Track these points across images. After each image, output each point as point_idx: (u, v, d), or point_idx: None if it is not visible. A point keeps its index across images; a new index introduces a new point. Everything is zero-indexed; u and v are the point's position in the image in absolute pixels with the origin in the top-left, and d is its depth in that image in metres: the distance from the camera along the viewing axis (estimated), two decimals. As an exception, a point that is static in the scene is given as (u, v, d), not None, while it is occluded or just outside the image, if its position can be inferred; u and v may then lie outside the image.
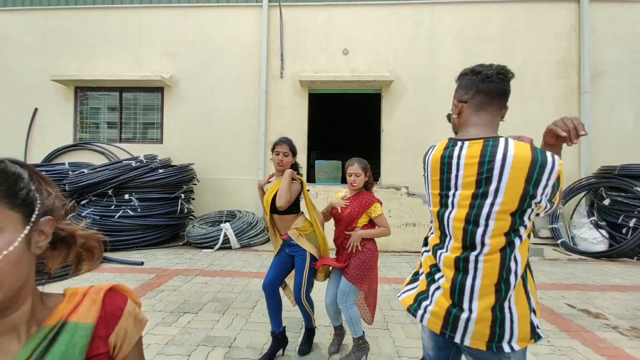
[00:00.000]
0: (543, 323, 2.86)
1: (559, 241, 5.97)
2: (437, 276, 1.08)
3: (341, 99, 9.27)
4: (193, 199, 6.90)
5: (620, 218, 5.54)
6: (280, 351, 2.26)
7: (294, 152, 2.27)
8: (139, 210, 5.47)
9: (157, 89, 7.46)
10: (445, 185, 1.07)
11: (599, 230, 5.74)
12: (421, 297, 1.12)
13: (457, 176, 1.03)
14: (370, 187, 2.30)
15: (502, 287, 0.96)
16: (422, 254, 1.21)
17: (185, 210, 6.27)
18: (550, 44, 6.88)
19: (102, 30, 7.53)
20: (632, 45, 6.83)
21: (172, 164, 6.44)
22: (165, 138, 7.44)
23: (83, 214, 5.23)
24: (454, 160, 1.03)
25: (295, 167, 2.31)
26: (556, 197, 0.98)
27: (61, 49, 7.60)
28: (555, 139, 1.02)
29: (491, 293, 0.97)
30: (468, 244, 1.00)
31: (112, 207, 5.37)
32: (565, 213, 6.48)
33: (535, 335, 0.98)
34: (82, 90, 7.62)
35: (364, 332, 2.20)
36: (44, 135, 7.60)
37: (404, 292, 1.22)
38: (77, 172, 5.83)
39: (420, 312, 1.11)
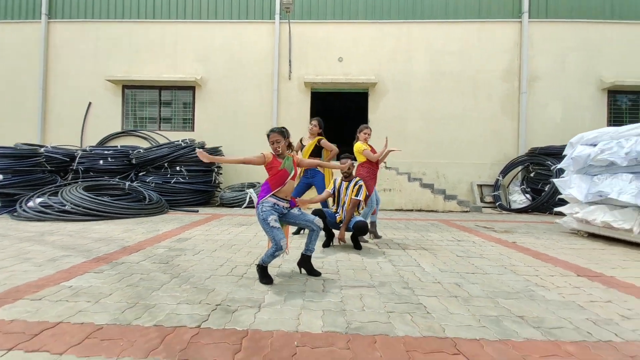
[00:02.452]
0: (457, 231, 4.88)
1: (497, 204, 8.06)
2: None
3: (336, 96, 11.22)
4: (221, 173, 8.80)
5: (540, 185, 7.63)
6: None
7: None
8: (187, 178, 7.40)
9: (189, 88, 9.33)
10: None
11: (525, 195, 7.83)
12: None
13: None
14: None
15: None
16: None
17: (217, 181, 8.20)
18: (498, 55, 8.91)
19: (144, 40, 9.36)
20: (561, 57, 8.90)
21: (205, 145, 8.34)
22: (196, 126, 9.33)
23: (148, 180, 7.14)
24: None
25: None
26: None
27: (110, 55, 9.41)
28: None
29: None
30: None
31: (168, 176, 7.30)
32: (505, 183, 8.57)
33: None
34: (129, 88, 9.45)
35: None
36: (96, 124, 9.41)
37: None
38: (135, 151, 7.73)
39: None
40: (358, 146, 4.15)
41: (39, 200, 5.34)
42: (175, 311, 1.83)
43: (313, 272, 2.54)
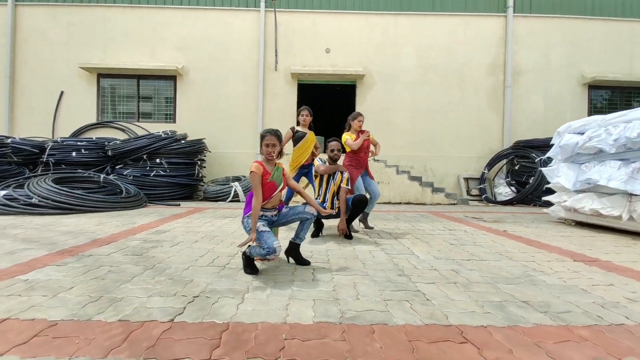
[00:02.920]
0: (447, 222, 4.80)
1: (483, 196, 8.09)
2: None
3: (324, 88, 11.03)
4: (204, 167, 8.46)
5: (524, 177, 7.71)
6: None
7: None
8: (167, 171, 7.04)
9: (170, 77, 8.91)
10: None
11: (510, 187, 7.90)
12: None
13: None
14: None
15: None
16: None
17: (200, 175, 7.87)
18: (483, 49, 8.94)
19: (121, 26, 8.86)
20: (544, 51, 9.01)
21: (188, 137, 7.98)
22: (177, 118, 8.93)
23: (125, 173, 6.74)
24: None
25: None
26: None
27: (84, 41, 8.86)
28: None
29: None
30: None
31: (147, 169, 6.92)
32: (491, 176, 8.63)
33: None
34: (104, 77, 8.93)
35: None
36: (69, 115, 8.86)
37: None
38: (112, 142, 7.30)
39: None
40: (343, 136, 4.08)
41: (2, 192, 4.91)
42: (146, 304, 1.61)
43: (302, 262, 2.36)
